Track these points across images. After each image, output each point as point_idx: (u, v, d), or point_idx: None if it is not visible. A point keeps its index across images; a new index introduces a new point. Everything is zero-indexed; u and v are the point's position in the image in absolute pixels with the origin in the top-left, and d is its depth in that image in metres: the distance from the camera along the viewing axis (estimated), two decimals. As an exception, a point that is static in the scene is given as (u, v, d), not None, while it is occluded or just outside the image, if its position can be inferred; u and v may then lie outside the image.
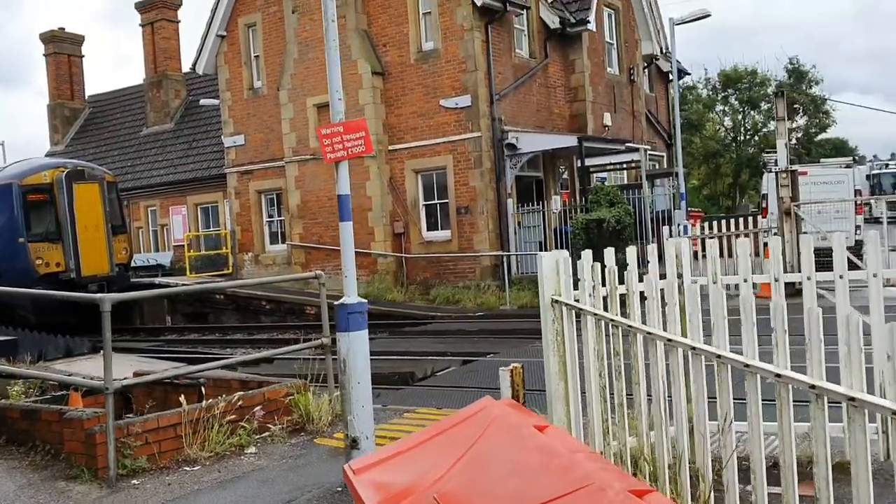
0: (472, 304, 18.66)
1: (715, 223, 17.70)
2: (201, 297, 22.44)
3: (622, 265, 5.06)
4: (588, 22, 21.81)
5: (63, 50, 35.45)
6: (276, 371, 10.54)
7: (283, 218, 23.10)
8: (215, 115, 27.17)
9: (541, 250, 20.14)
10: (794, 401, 3.40)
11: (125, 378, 6.72)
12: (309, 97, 21.37)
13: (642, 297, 4.50)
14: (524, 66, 21.06)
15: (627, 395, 4.46)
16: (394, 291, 19.78)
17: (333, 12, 5.69)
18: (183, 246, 27.25)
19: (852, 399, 2.89)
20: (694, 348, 3.77)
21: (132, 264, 29.74)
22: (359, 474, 3.79)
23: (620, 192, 19.30)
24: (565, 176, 22.89)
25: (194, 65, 24.02)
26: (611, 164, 24.12)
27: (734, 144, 51.04)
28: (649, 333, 4.09)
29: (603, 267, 4.90)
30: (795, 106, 45.79)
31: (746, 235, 15.45)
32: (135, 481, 6.27)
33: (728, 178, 51.12)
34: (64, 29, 35.86)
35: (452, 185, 19.77)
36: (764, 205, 19.91)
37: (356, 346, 5.70)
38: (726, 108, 51.61)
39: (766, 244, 11.64)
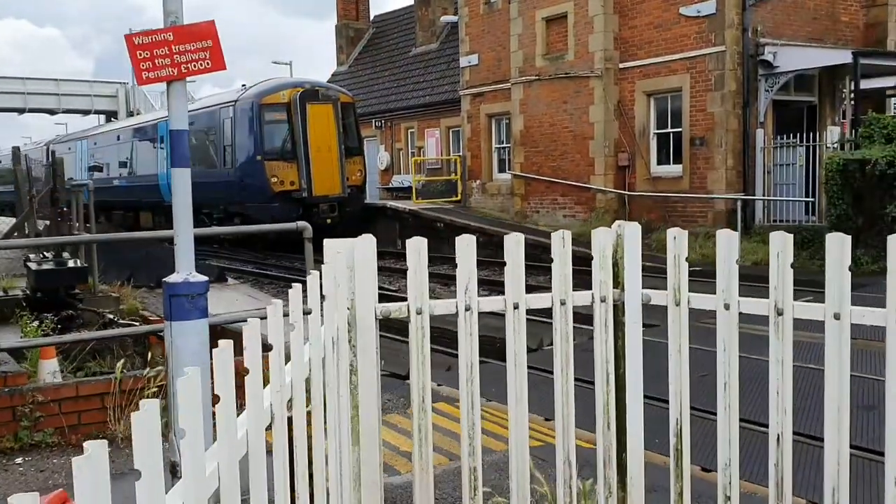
0: (695, 255, 15.36)
1: None
2: (428, 225, 21.88)
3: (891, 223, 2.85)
4: None
5: (349, -31, 36.32)
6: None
7: (510, 145, 21.40)
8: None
9: (806, 195, 16.29)
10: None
11: None
12: (538, 9, 19.12)
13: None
14: (800, -38, 16.77)
15: None
16: (610, 233, 17.24)
17: None
18: (434, 169, 26.85)
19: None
20: None
21: (390, 185, 30.29)
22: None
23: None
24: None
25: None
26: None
27: None
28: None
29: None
30: None
31: None
32: (18, 460, 5.30)
33: None
34: (351, -55, 36.63)
35: (687, 110, 16.53)
36: None
37: (181, 343, 3.99)
38: None
39: None
